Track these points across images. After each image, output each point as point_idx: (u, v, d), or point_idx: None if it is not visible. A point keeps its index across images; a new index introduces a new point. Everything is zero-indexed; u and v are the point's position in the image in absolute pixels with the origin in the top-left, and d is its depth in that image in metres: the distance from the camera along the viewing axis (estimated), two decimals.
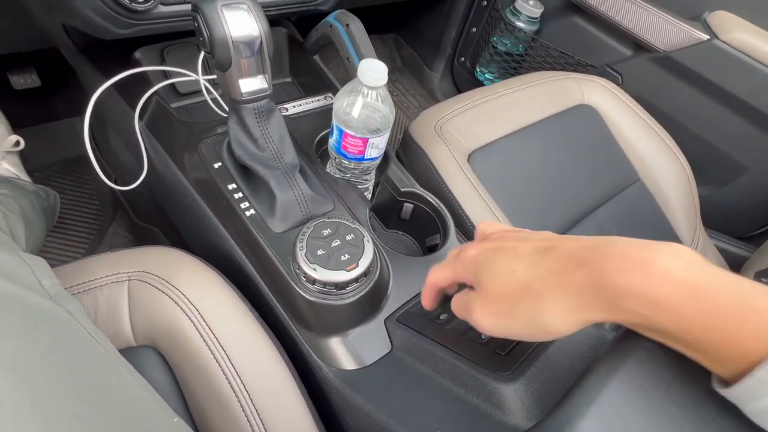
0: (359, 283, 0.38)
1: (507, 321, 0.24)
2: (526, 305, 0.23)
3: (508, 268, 0.25)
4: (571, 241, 0.24)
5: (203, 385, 0.37)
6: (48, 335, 0.29)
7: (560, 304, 0.22)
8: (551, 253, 0.24)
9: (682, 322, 0.18)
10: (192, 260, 0.42)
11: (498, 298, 0.25)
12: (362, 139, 0.45)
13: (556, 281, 0.22)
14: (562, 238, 0.25)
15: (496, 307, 0.25)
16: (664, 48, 0.81)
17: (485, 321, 0.25)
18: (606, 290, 0.20)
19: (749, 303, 0.18)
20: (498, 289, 0.25)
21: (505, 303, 0.24)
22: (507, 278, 0.25)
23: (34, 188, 0.65)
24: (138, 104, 0.52)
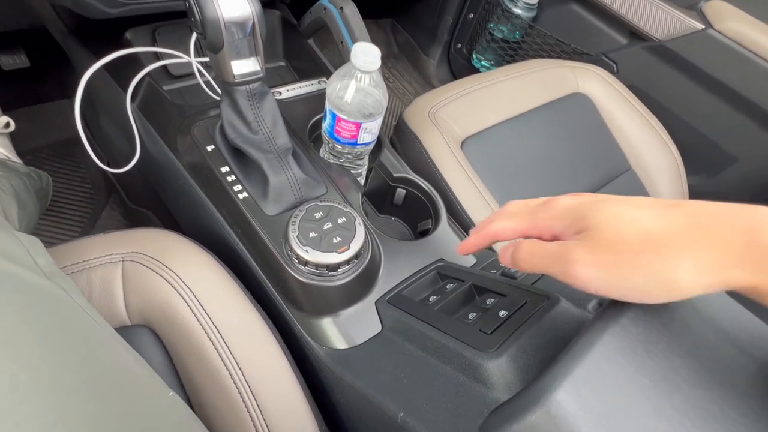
0: (350, 265, 0.39)
1: (622, 273, 0.21)
2: (650, 258, 0.21)
3: (629, 215, 0.22)
4: (695, 204, 0.22)
5: (197, 363, 0.38)
6: (43, 311, 0.30)
7: (698, 260, 0.20)
8: (680, 209, 0.21)
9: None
10: (185, 242, 0.43)
11: (615, 247, 0.22)
12: (355, 124, 0.46)
13: (693, 236, 0.20)
14: (679, 201, 0.23)
15: (609, 257, 0.22)
16: (660, 37, 0.82)
17: (590, 272, 0.22)
18: (762, 249, 0.19)
19: None
20: (615, 236, 0.22)
21: (623, 252, 0.21)
22: (628, 226, 0.22)
23: (27, 170, 0.64)
24: (130, 86, 0.52)
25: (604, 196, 0.25)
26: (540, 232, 0.27)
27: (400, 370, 0.33)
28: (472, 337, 0.31)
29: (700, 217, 0.21)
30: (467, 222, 0.56)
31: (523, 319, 0.31)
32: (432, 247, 0.47)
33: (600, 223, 0.23)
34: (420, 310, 0.37)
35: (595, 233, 0.23)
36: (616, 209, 0.23)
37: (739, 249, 0.19)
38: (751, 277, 0.19)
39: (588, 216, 0.24)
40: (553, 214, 0.26)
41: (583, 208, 0.24)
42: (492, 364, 0.28)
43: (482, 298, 0.37)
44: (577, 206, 0.25)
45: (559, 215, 0.25)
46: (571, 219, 0.24)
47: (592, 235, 0.23)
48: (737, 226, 0.20)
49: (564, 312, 0.32)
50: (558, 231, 0.25)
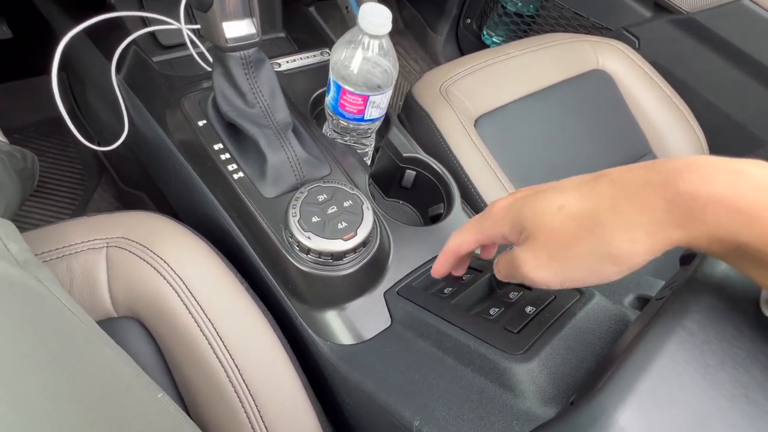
0: (357, 254, 0.35)
1: (566, 265, 0.21)
2: (586, 240, 0.21)
3: (554, 204, 0.22)
4: (618, 170, 0.21)
5: (189, 359, 0.35)
6: (14, 305, 0.26)
7: (630, 229, 0.20)
8: (602, 180, 0.21)
9: None
10: (176, 226, 0.39)
11: (550, 241, 0.22)
12: (362, 97, 0.41)
13: (618, 206, 0.20)
14: (604, 171, 0.22)
15: (549, 253, 0.22)
16: (688, 9, 0.76)
17: (540, 273, 0.22)
18: (684, 203, 0.18)
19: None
20: (548, 231, 0.22)
21: (560, 244, 0.21)
22: (556, 216, 0.22)
23: (9, 149, 0.60)
24: (114, 55, 0.47)
25: (534, 189, 0.24)
26: (491, 239, 0.27)
27: (414, 370, 0.30)
28: (496, 336, 0.28)
29: (624, 184, 0.20)
30: (482, 206, 0.52)
31: (553, 317, 0.28)
32: (445, 234, 0.43)
33: (533, 222, 0.23)
34: (434, 304, 0.33)
35: (531, 233, 0.23)
36: (543, 202, 0.23)
37: (661, 208, 0.19)
38: (685, 232, 0.19)
39: (521, 216, 0.24)
40: (493, 220, 0.26)
41: (515, 209, 0.24)
42: (521, 368, 0.25)
43: (504, 291, 0.33)
44: (510, 207, 0.25)
45: (499, 220, 0.25)
46: (510, 223, 0.25)
47: (529, 235, 0.23)
48: (655, 185, 0.19)
49: (599, 308, 0.28)
50: (507, 236, 0.25)
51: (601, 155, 0.67)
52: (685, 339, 0.18)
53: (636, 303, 0.30)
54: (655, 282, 0.31)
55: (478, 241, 0.28)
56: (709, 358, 0.18)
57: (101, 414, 0.24)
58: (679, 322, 0.19)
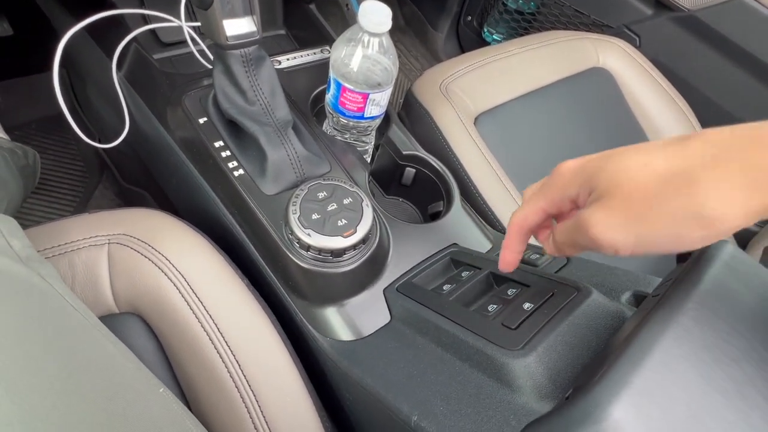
0: (357, 251, 0.36)
1: (646, 226, 0.19)
2: (674, 199, 0.19)
3: (637, 162, 0.20)
4: (714, 130, 0.20)
5: (191, 355, 0.35)
6: (17, 301, 0.27)
7: (728, 189, 0.18)
8: (695, 139, 0.19)
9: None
10: (176, 223, 0.39)
11: (629, 199, 0.20)
12: (362, 95, 0.41)
13: (717, 164, 0.18)
14: (694, 132, 0.21)
15: (626, 212, 0.20)
16: (689, 6, 0.75)
17: (611, 234, 0.20)
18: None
19: None
20: (628, 188, 0.20)
21: (641, 202, 0.19)
22: (639, 173, 0.20)
23: (11, 146, 0.60)
24: (115, 52, 0.47)
25: (608, 152, 0.23)
26: (558, 205, 0.25)
27: (413, 366, 0.30)
28: (494, 332, 0.28)
29: (724, 142, 0.19)
30: (482, 205, 0.52)
31: (551, 313, 0.28)
32: (444, 231, 0.43)
33: (610, 179, 0.21)
34: (433, 300, 0.33)
35: (606, 190, 0.21)
36: (624, 160, 0.21)
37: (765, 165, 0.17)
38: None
39: (595, 175, 0.22)
40: (562, 182, 0.24)
41: (588, 168, 0.23)
42: (518, 363, 0.25)
43: (502, 288, 0.33)
44: (581, 167, 0.23)
45: (568, 182, 0.24)
46: (581, 182, 0.23)
47: (603, 194, 0.21)
48: (761, 140, 0.18)
49: (597, 305, 0.28)
50: (573, 198, 0.23)
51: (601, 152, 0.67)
52: (680, 335, 0.18)
53: (633, 300, 0.30)
54: (652, 279, 0.31)
55: (543, 209, 0.25)
56: (703, 354, 0.18)
57: (103, 408, 0.25)
58: (674, 318, 0.19)
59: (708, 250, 0.23)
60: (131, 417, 0.26)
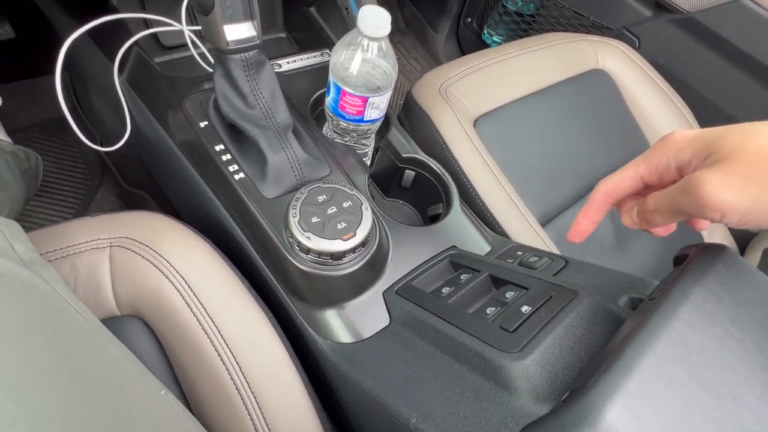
0: (356, 254, 0.36)
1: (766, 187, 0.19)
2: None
3: (765, 126, 0.20)
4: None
5: (192, 357, 0.35)
6: (19, 304, 0.27)
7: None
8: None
9: None
10: (178, 226, 0.40)
11: (754, 162, 0.19)
12: (362, 98, 0.42)
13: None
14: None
15: (747, 172, 0.19)
16: (688, 8, 0.76)
17: (726, 194, 0.19)
18: None
19: None
20: (754, 151, 0.19)
21: (765, 166, 0.19)
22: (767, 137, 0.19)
23: (13, 149, 0.61)
24: (117, 56, 0.48)
25: (730, 125, 0.22)
26: (661, 172, 0.24)
27: (412, 368, 0.30)
28: (492, 334, 0.28)
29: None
30: (481, 207, 0.52)
31: (549, 316, 0.28)
32: (444, 234, 0.44)
33: (734, 143, 0.20)
34: (432, 303, 0.34)
35: (728, 155, 0.20)
36: (751, 127, 0.20)
37: None
38: None
39: (716, 141, 0.21)
40: (674, 147, 0.23)
41: (708, 135, 0.22)
42: (516, 366, 0.25)
43: (501, 291, 0.33)
44: (699, 135, 0.22)
45: (682, 146, 0.23)
46: (697, 147, 0.22)
47: (724, 157, 0.20)
48: None
49: (594, 308, 0.28)
50: (683, 164, 0.23)
51: (600, 155, 0.67)
52: (673, 339, 0.18)
53: (630, 303, 0.30)
54: (649, 282, 0.31)
55: (642, 176, 0.24)
56: (696, 357, 0.18)
57: (106, 410, 0.25)
58: (667, 322, 0.19)
59: (704, 253, 0.24)
60: (133, 419, 0.26)
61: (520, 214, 0.53)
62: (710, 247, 0.24)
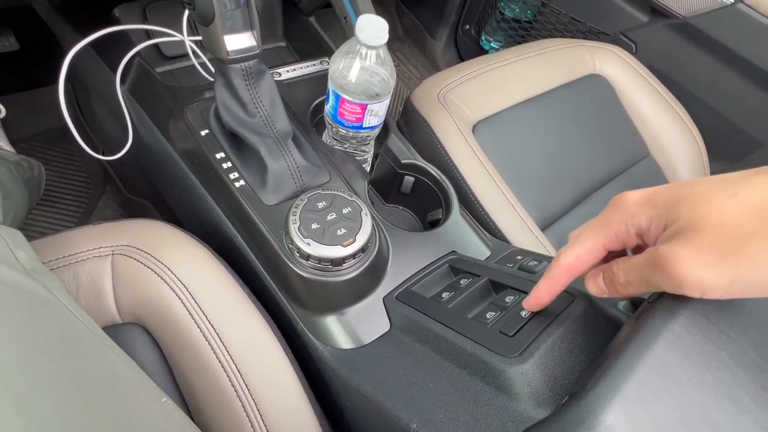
0: (356, 260, 0.36)
1: (743, 264, 0.17)
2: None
3: (723, 191, 0.18)
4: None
5: (193, 364, 0.35)
6: (22, 312, 0.27)
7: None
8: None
9: None
10: (179, 234, 0.40)
11: (720, 234, 0.17)
12: (360, 106, 0.42)
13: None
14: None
15: (718, 247, 0.17)
16: (684, 13, 0.76)
17: (700, 272, 0.18)
18: None
19: None
20: (717, 221, 0.18)
21: (736, 237, 0.17)
22: (727, 204, 0.18)
23: (17, 158, 0.61)
24: (119, 67, 0.49)
25: (681, 182, 0.21)
26: (623, 240, 0.22)
27: (412, 374, 0.30)
28: (492, 339, 0.28)
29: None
30: (480, 212, 0.53)
31: (548, 320, 0.28)
32: (443, 239, 0.44)
33: (692, 210, 0.18)
34: (432, 308, 0.34)
35: (688, 224, 0.18)
36: (705, 189, 0.19)
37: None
38: None
39: (671, 205, 0.19)
40: (626, 214, 0.21)
41: (660, 198, 0.20)
42: (515, 370, 0.25)
43: (500, 296, 0.34)
44: (650, 197, 0.21)
45: (635, 213, 0.21)
46: (651, 214, 0.20)
47: (686, 227, 0.18)
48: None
49: (593, 311, 0.29)
50: (642, 231, 0.21)
51: (598, 159, 0.67)
52: (672, 342, 0.19)
53: (630, 306, 0.30)
54: None
55: (604, 245, 0.22)
56: (694, 360, 0.18)
57: (107, 418, 0.25)
58: (665, 325, 0.19)
59: None
60: (134, 426, 0.26)
61: (520, 219, 0.53)
62: None
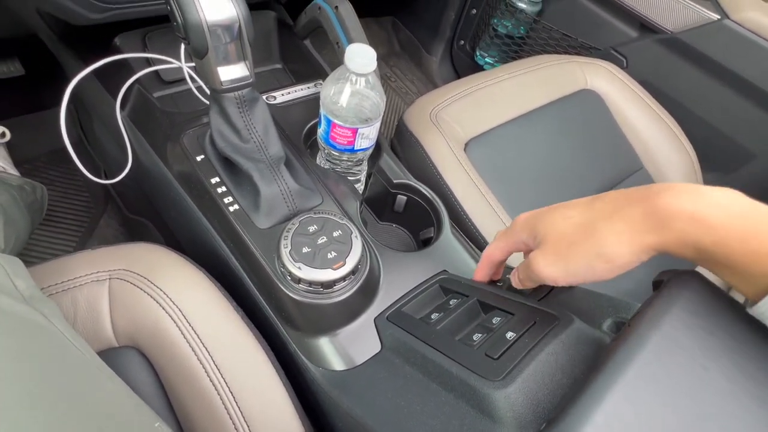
0: (347, 282, 0.37)
1: (569, 262, 0.27)
2: (584, 242, 0.26)
3: (563, 215, 0.28)
4: (614, 192, 0.27)
5: (187, 387, 0.36)
6: (19, 341, 0.28)
7: (617, 234, 0.25)
8: (601, 199, 0.27)
9: (722, 237, 0.21)
10: (175, 258, 0.41)
11: (557, 243, 0.28)
12: (351, 130, 0.43)
13: (610, 216, 0.26)
14: (604, 193, 0.28)
15: (556, 253, 0.28)
16: (672, 29, 0.78)
17: (548, 269, 0.28)
18: (658, 214, 0.23)
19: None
20: (556, 236, 0.28)
21: (564, 245, 0.27)
22: (563, 223, 0.28)
23: (20, 182, 0.63)
24: (119, 94, 0.50)
25: (549, 207, 0.30)
26: (516, 246, 0.33)
27: (401, 396, 0.31)
28: (477, 362, 0.29)
29: (616, 201, 0.26)
30: (472, 230, 0.53)
31: (532, 343, 0.29)
32: (434, 258, 0.45)
33: (545, 228, 0.29)
34: (421, 330, 0.34)
35: (543, 237, 0.29)
36: (555, 214, 0.29)
37: (639, 219, 0.24)
38: (658, 237, 0.24)
39: (537, 226, 0.30)
40: (516, 229, 0.32)
41: (533, 219, 0.31)
42: (499, 394, 0.26)
43: (488, 317, 0.34)
44: (529, 218, 0.31)
45: (520, 229, 0.32)
46: (528, 230, 0.31)
47: (542, 239, 0.29)
48: (637, 201, 0.25)
49: (578, 333, 0.29)
50: (526, 241, 0.31)
51: (592, 172, 0.68)
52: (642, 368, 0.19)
53: (614, 326, 0.31)
54: (632, 305, 0.32)
55: (507, 247, 0.34)
56: (664, 386, 0.19)
57: None
58: (636, 352, 0.20)
59: (675, 280, 0.25)
60: None
61: None
62: (682, 274, 0.25)
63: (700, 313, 0.22)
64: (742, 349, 0.21)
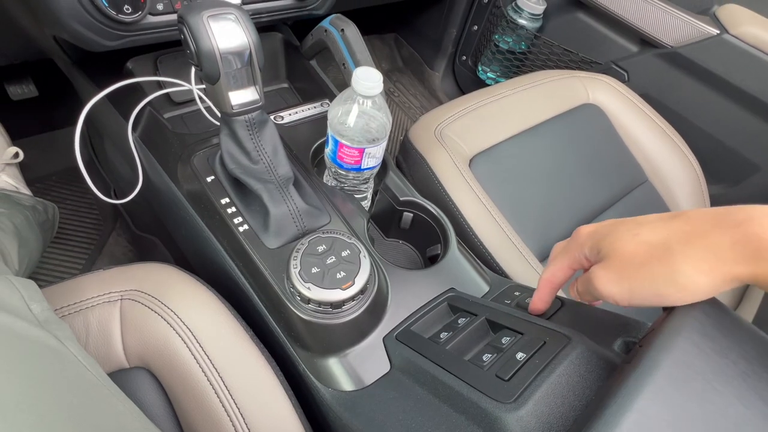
0: (356, 301, 0.37)
1: (634, 284, 0.25)
2: (655, 265, 0.24)
3: (631, 232, 0.26)
4: (695, 211, 0.25)
5: (197, 408, 0.36)
6: (34, 365, 0.28)
7: (696, 261, 0.22)
8: (678, 218, 0.25)
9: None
10: (185, 278, 0.41)
11: (623, 262, 0.25)
12: (358, 150, 0.44)
13: (688, 240, 0.23)
14: (683, 211, 0.26)
15: (621, 272, 0.25)
16: (672, 43, 0.79)
17: (610, 287, 0.26)
18: (750, 243, 0.21)
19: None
20: (621, 253, 0.25)
21: (631, 265, 0.25)
22: (631, 241, 0.25)
23: (33, 202, 0.64)
24: (131, 116, 0.51)
25: (615, 220, 0.28)
26: (578, 263, 0.30)
27: (411, 418, 0.31)
28: (488, 383, 0.29)
29: (697, 222, 0.24)
30: (478, 246, 0.54)
31: (543, 363, 0.29)
32: (442, 276, 0.45)
33: (610, 244, 0.27)
34: (430, 350, 0.34)
35: (607, 254, 0.27)
36: (621, 229, 0.27)
37: (726, 245, 0.22)
38: (747, 268, 0.21)
39: (601, 241, 0.27)
40: (578, 243, 0.30)
41: (597, 234, 0.28)
42: (511, 417, 0.26)
43: (498, 336, 0.34)
44: (593, 232, 0.29)
45: (583, 243, 0.29)
46: (590, 245, 0.28)
47: (605, 255, 0.27)
48: (725, 225, 0.22)
49: (588, 354, 0.29)
50: (588, 257, 0.29)
51: (596, 186, 0.68)
52: (655, 394, 0.19)
53: (624, 347, 0.31)
54: (642, 325, 0.32)
55: (570, 266, 0.31)
56: (678, 412, 0.19)
57: None
58: (648, 378, 0.20)
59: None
60: None
61: (518, 252, 0.54)
62: None
63: (711, 334, 0.22)
64: (756, 372, 0.21)
